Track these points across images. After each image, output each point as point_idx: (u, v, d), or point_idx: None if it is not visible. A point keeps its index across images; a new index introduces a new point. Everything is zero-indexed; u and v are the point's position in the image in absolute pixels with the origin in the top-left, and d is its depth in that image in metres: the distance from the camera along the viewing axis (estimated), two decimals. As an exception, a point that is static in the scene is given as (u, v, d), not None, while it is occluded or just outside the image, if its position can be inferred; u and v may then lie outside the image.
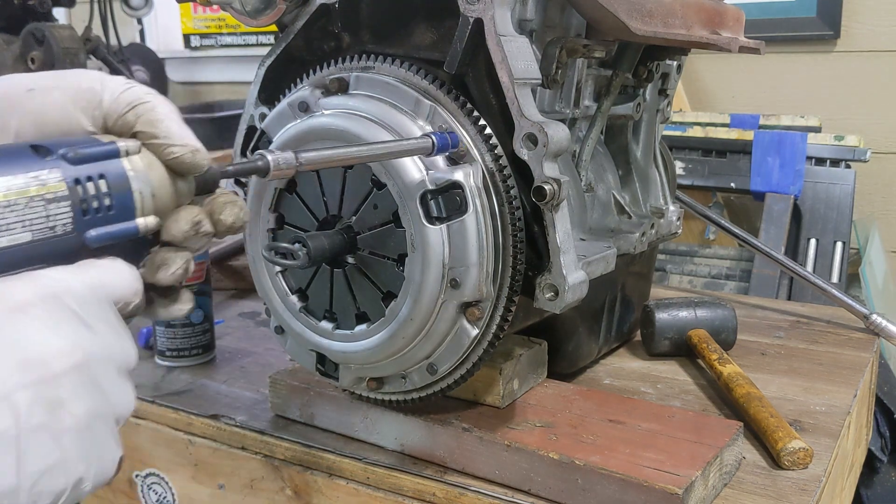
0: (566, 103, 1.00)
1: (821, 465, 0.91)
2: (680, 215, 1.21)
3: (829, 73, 2.62)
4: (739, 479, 0.88)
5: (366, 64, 0.87)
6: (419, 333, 0.83)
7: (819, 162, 2.45)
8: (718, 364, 1.09)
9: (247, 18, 0.90)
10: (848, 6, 2.56)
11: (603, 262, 0.91)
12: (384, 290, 0.85)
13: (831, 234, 2.41)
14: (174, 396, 1.13)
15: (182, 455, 1.07)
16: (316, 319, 0.91)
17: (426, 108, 0.81)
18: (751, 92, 2.73)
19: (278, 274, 0.92)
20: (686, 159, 2.55)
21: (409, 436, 0.94)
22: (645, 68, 1.08)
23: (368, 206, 0.84)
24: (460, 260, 0.79)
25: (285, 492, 0.99)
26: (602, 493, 0.81)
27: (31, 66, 1.84)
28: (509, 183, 0.80)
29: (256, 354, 1.28)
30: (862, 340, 1.30)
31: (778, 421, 0.94)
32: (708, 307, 1.22)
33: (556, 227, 0.79)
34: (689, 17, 0.95)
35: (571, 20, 0.96)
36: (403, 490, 0.91)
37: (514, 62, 0.79)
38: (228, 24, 3.92)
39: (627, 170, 1.15)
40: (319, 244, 0.83)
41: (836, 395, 1.09)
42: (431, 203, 0.79)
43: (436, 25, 0.84)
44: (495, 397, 0.94)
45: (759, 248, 1.51)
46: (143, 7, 3.31)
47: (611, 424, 0.91)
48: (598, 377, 1.15)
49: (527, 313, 0.94)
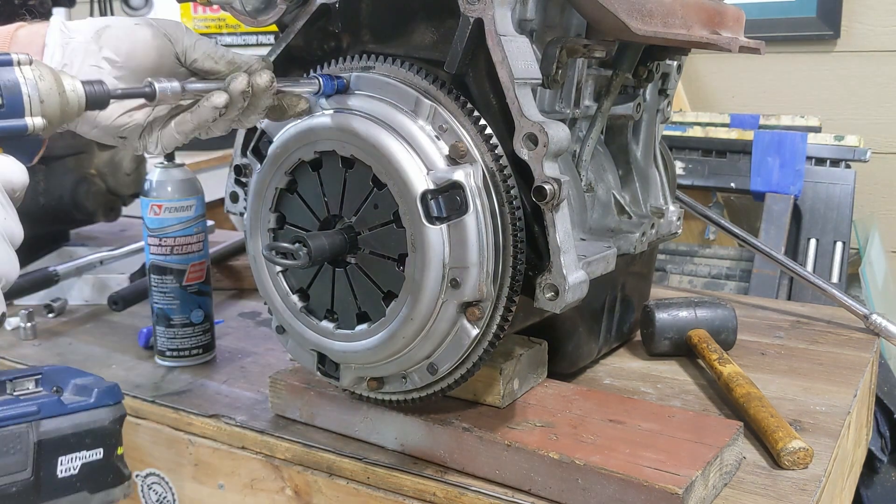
0: (566, 103, 1.00)
1: (821, 465, 0.91)
2: (680, 215, 1.21)
3: (829, 73, 2.62)
4: (739, 479, 0.89)
5: (366, 64, 0.87)
6: (419, 333, 0.83)
7: (819, 162, 2.46)
8: (718, 364, 1.09)
9: (247, 18, 0.90)
10: (848, 6, 2.56)
11: (603, 262, 0.91)
12: (385, 290, 0.85)
13: (831, 234, 2.41)
14: (174, 396, 1.13)
15: (182, 455, 1.08)
16: (317, 319, 0.91)
17: (426, 108, 0.81)
18: (751, 92, 2.73)
19: (279, 274, 0.92)
20: (686, 159, 2.55)
21: (410, 436, 0.94)
22: (645, 68, 1.08)
23: (369, 206, 0.84)
24: (460, 260, 0.79)
25: (285, 492, 0.99)
26: (602, 493, 0.81)
27: (31, 65, 1.84)
28: (509, 183, 0.80)
29: (256, 354, 1.28)
30: (862, 340, 1.30)
31: (778, 421, 0.94)
32: (708, 307, 1.22)
33: (557, 226, 0.79)
34: (689, 17, 0.95)
35: (571, 20, 0.96)
36: (403, 490, 0.91)
37: (514, 62, 0.79)
38: (228, 24, 3.91)
39: (627, 170, 1.15)
40: (320, 244, 0.83)
41: (836, 395, 1.09)
42: (431, 203, 0.79)
43: (436, 25, 0.84)
44: (495, 397, 0.94)
45: (759, 248, 1.51)
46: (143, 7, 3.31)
47: (611, 424, 0.91)
48: (598, 377, 1.15)
49: (527, 313, 0.94)
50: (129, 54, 0.76)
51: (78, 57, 0.76)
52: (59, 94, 0.64)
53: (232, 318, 1.45)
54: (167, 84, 0.71)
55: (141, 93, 0.71)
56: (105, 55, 0.76)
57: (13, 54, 0.62)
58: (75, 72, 0.75)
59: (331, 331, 0.90)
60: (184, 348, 1.23)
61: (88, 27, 0.77)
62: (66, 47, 0.76)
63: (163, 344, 1.23)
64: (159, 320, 1.22)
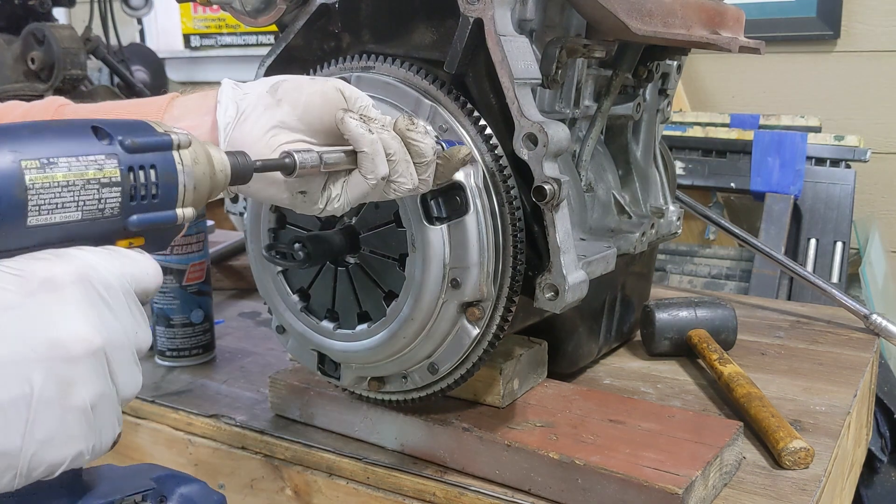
0: (566, 103, 1.00)
1: (821, 465, 0.91)
2: (680, 215, 1.21)
3: (829, 73, 2.62)
4: (739, 478, 0.88)
5: (366, 64, 0.87)
6: (420, 333, 0.83)
7: (819, 162, 2.45)
8: (719, 364, 1.09)
9: (247, 18, 0.90)
10: (848, 6, 2.56)
11: (603, 262, 0.91)
12: (385, 290, 0.85)
13: (831, 234, 2.41)
14: (174, 396, 1.13)
15: (182, 455, 1.07)
16: (317, 319, 0.91)
17: (426, 108, 0.81)
18: (751, 92, 2.73)
19: (280, 274, 0.92)
20: (686, 159, 2.55)
21: (410, 436, 0.94)
22: (645, 68, 1.08)
23: (370, 206, 0.84)
24: (461, 260, 0.79)
25: (285, 492, 0.99)
26: (602, 493, 0.81)
27: (32, 65, 1.83)
28: (509, 183, 0.80)
29: (256, 354, 1.28)
30: (862, 340, 1.30)
31: (779, 421, 0.94)
32: (708, 307, 1.22)
33: (556, 226, 0.79)
34: (689, 17, 0.95)
35: (571, 20, 0.96)
36: (403, 490, 0.91)
37: (514, 62, 0.79)
38: (228, 24, 3.92)
39: (627, 170, 1.15)
40: (319, 245, 0.83)
41: (837, 395, 1.09)
42: (432, 203, 0.79)
43: (436, 25, 0.84)
44: (495, 397, 0.94)
45: (759, 248, 1.51)
46: (143, 7, 3.31)
47: (611, 424, 0.91)
48: (598, 377, 1.15)
49: (527, 313, 0.94)
50: (307, 107, 0.70)
51: (256, 110, 0.70)
52: (210, 178, 0.57)
53: (232, 318, 1.45)
54: (307, 156, 0.65)
55: (280, 165, 0.65)
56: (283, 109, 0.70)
57: (173, 134, 0.55)
58: (251, 124, 0.70)
59: (331, 330, 0.90)
60: (184, 348, 1.23)
61: (262, 82, 0.72)
62: (242, 102, 0.70)
63: (163, 344, 1.23)
64: (159, 320, 1.22)
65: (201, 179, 0.56)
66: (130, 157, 0.51)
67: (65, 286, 0.48)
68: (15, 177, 0.47)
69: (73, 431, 0.48)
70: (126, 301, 0.51)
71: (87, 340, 0.48)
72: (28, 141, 0.48)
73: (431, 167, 0.72)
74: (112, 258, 0.51)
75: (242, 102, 0.70)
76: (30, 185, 0.47)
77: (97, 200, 0.50)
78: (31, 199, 0.47)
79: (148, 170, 0.52)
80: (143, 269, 0.52)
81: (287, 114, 0.70)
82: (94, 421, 0.49)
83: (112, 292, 0.50)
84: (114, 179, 0.51)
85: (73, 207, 0.49)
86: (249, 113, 0.70)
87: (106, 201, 0.51)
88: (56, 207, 0.48)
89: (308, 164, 0.65)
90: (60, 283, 0.47)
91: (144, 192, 0.52)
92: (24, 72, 1.85)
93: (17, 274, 0.47)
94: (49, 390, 0.46)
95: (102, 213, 0.51)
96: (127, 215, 0.52)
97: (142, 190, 0.52)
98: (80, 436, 0.48)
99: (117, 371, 0.50)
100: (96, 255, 0.50)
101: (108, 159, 0.50)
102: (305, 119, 0.70)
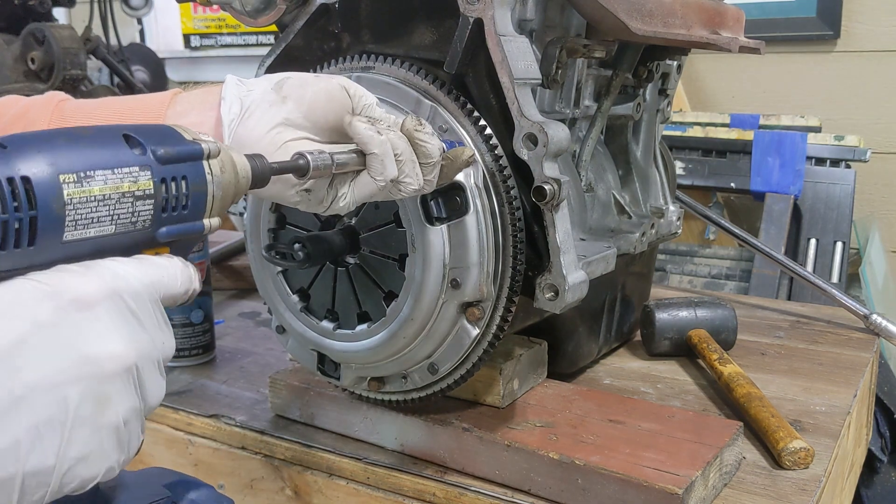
0: (566, 103, 1.00)
1: (821, 465, 0.91)
2: (680, 215, 1.21)
3: (829, 73, 2.62)
4: (739, 478, 0.88)
5: (366, 64, 0.87)
6: (420, 333, 0.83)
7: (819, 162, 2.45)
8: (719, 364, 1.09)
9: (247, 18, 0.90)
10: (848, 6, 2.56)
11: (603, 262, 0.91)
12: (385, 290, 0.85)
13: (831, 234, 2.41)
14: (174, 396, 1.13)
15: (182, 455, 1.07)
16: (317, 319, 0.91)
17: (427, 109, 0.81)
18: (751, 92, 2.73)
19: (279, 274, 0.92)
20: (686, 159, 2.54)
21: (409, 436, 0.94)
22: (645, 68, 1.08)
23: (370, 207, 0.84)
24: (461, 260, 0.79)
25: (285, 492, 0.99)
26: (602, 493, 0.81)
27: (31, 65, 1.83)
28: (509, 183, 0.80)
29: (256, 354, 1.28)
30: (862, 340, 1.30)
31: (779, 421, 0.94)
32: (708, 307, 1.22)
33: (556, 227, 0.79)
34: (689, 17, 0.95)
35: (571, 20, 0.96)
36: (403, 490, 0.91)
37: (514, 62, 0.79)
38: (228, 24, 3.92)
39: (627, 170, 1.15)
40: (318, 245, 0.83)
41: (837, 395, 1.09)
42: (432, 203, 0.79)
43: (436, 25, 0.84)
44: (495, 397, 0.94)
45: (759, 248, 1.50)
46: (143, 7, 3.31)
47: (611, 424, 0.91)
48: (598, 377, 1.15)
49: (527, 313, 0.94)
50: (312, 104, 0.70)
51: (260, 107, 0.69)
52: (235, 185, 0.57)
53: (232, 318, 1.45)
54: (319, 157, 0.64)
55: (294, 167, 0.63)
56: (288, 105, 0.69)
57: (202, 143, 0.54)
58: (255, 121, 0.69)
59: (331, 331, 0.90)
60: (184, 348, 1.23)
61: (266, 79, 0.72)
62: (246, 98, 0.69)
63: (163, 344, 1.22)
64: (159, 320, 1.22)
65: (227, 188, 0.55)
66: (163, 168, 0.51)
67: (97, 303, 0.47)
68: (54, 192, 0.46)
69: (106, 447, 0.48)
70: (153, 311, 0.51)
71: (120, 357, 0.48)
72: (64, 150, 0.47)
73: (437, 168, 0.72)
74: (141, 266, 0.51)
75: (247, 99, 0.70)
76: (68, 201, 0.46)
77: (130, 213, 0.50)
78: (69, 214, 0.46)
79: (179, 181, 0.52)
80: (171, 276, 0.52)
81: (292, 111, 0.69)
82: (125, 435, 0.49)
83: (141, 303, 0.50)
84: (147, 192, 0.50)
85: (108, 221, 0.49)
86: (254, 110, 0.69)
87: (139, 214, 0.50)
88: (91, 222, 0.48)
89: (321, 166, 0.64)
90: (93, 299, 0.47)
91: (175, 204, 0.52)
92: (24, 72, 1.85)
93: (51, 290, 0.46)
94: (84, 410, 0.46)
95: (135, 227, 0.50)
96: (157, 227, 0.52)
97: (173, 202, 0.52)
98: (112, 450, 0.48)
99: (145, 383, 0.50)
100: (126, 266, 0.50)
101: (141, 171, 0.50)
102: (310, 116, 0.70)
